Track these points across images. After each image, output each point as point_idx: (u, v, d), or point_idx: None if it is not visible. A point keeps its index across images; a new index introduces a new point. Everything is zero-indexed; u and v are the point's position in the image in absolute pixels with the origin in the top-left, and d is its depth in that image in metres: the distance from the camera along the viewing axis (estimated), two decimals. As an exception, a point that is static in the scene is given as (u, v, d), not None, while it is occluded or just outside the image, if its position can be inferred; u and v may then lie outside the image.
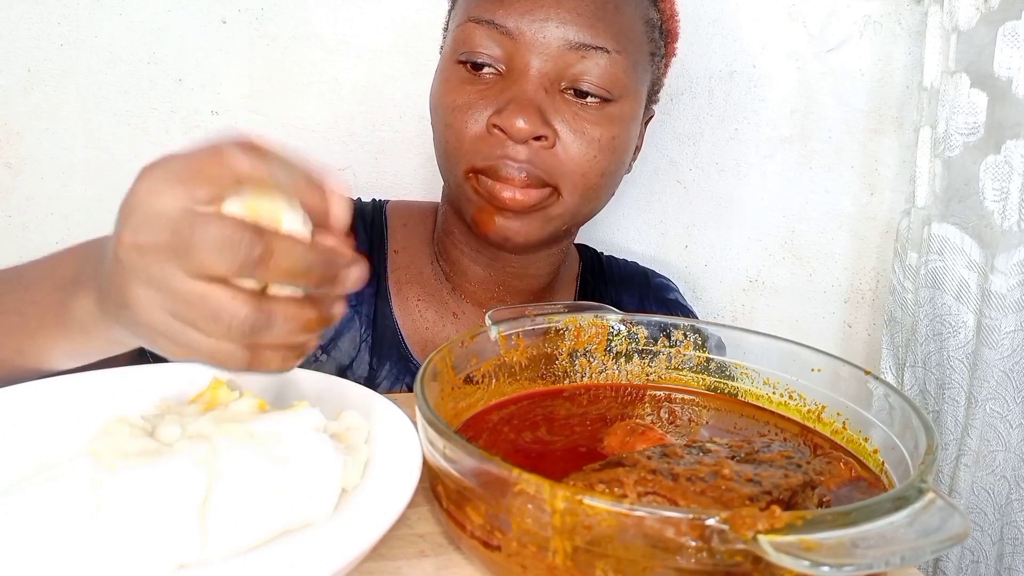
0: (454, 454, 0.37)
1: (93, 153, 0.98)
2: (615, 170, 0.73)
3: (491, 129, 0.67)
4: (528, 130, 0.65)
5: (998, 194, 0.90)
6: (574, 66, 0.67)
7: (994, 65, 0.88)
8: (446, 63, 0.72)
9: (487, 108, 0.68)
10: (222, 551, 0.36)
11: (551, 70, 0.67)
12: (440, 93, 0.71)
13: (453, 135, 0.69)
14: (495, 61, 0.68)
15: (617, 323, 0.58)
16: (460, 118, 0.68)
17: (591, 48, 0.67)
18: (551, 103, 0.68)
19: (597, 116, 0.69)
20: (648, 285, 0.92)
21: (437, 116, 0.71)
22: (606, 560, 0.33)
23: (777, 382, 0.54)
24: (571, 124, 0.68)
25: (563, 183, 0.69)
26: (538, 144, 0.67)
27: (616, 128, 0.70)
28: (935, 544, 0.31)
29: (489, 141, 0.67)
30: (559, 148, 0.68)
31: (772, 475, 0.39)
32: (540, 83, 0.67)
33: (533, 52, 0.67)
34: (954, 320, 0.95)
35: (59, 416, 0.48)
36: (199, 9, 0.96)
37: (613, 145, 0.70)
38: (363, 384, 0.75)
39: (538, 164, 0.67)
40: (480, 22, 0.68)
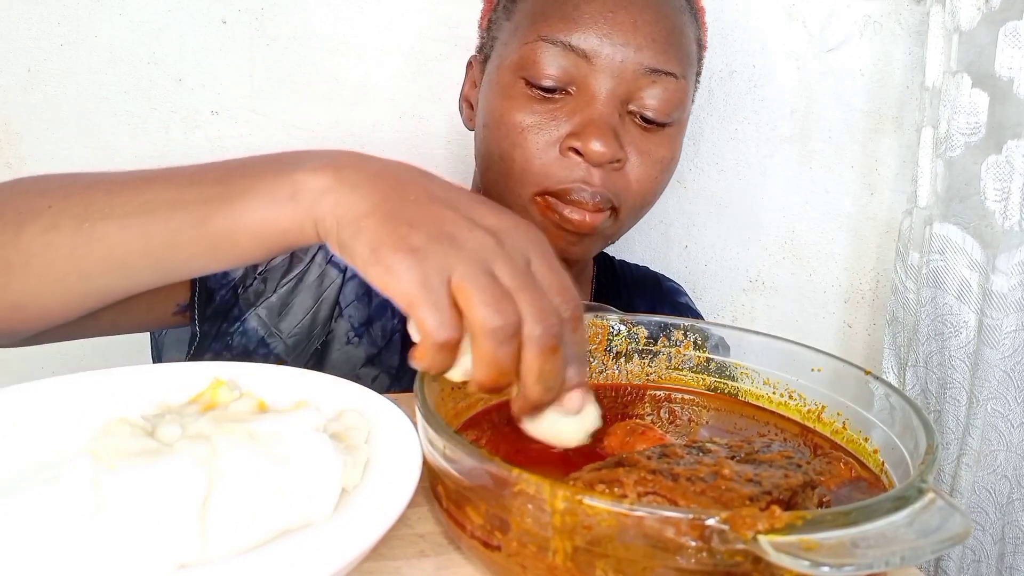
0: (454, 454, 0.37)
1: (93, 153, 0.98)
2: (664, 189, 0.74)
3: (566, 152, 0.66)
4: (608, 154, 0.65)
5: (999, 194, 0.90)
6: (645, 89, 0.67)
7: (995, 65, 0.88)
8: (509, 78, 0.69)
9: (559, 129, 0.67)
10: (222, 551, 0.36)
11: (624, 93, 0.67)
12: (505, 111, 0.69)
13: (522, 155, 0.68)
14: (564, 84, 0.67)
15: (617, 323, 0.58)
16: (531, 139, 0.67)
17: (662, 73, 0.67)
18: (621, 125, 0.68)
19: (660, 138, 0.70)
20: (660, 289, 0.93)
21: (501, 134, 0.69)
22: (606, 560, 0.33)
23: (777, 382, 0.54)
24: (639, 146, 0.68)
25: (625, 204, 0.69)
26: (610, 167, 0.67)
27: (675, 149, 0.72)
28: (935, 544, 0.31)
29: (564, 164, 0.67)
30: (627, 169, 0.68)
31: (772, 475, 0.39)
32: (613, 106, 0.67)
33: (608, 75, 0.66)
34: (955, 320, 0.95)
35: (59, 416, 0.48)
36: (199, 9, 0.96)
37: (671, 166, 0.72)
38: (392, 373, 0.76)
39: (609, 187, 0.67)
40: (554, 43, 0.66)
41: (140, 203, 0.47)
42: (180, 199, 0.46)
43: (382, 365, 0.76)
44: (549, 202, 0.68)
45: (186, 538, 0.35)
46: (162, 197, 0.47)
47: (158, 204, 0.47)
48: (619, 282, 0.90)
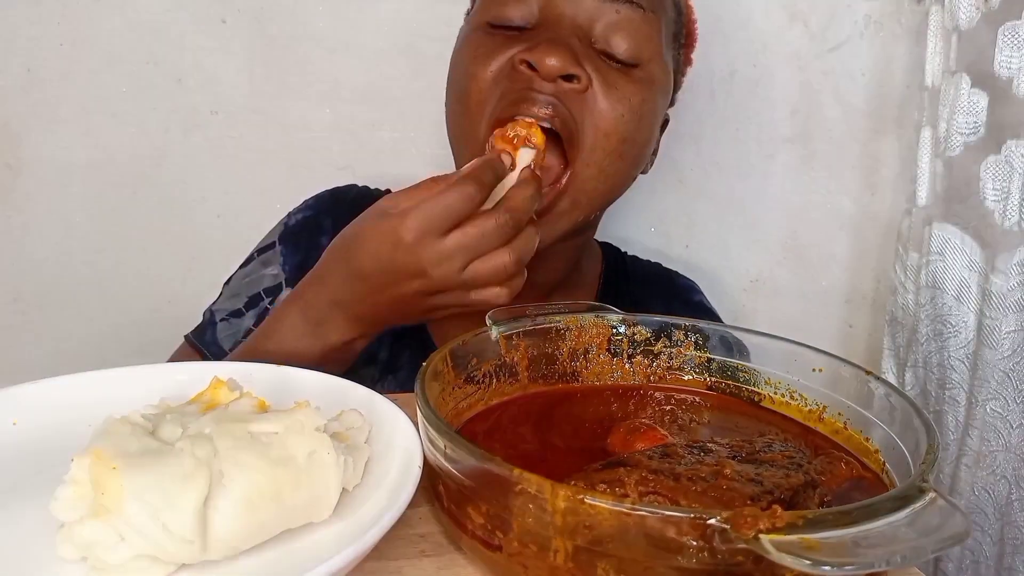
0: (455, 454, 0.37)
1: (93, 153, 0.98)
2: (638, 144, 0.69)
3: (518, 65, 0.63)
4: (559, 66, 0.62)
5: (999, 194, 0.90)
6: (606, 19, 0.65)
7: (995, 65, 0.88)
8: (471, 24, 0.68)
9: (514, 50, 0.64)
10: (223, 551, 0.36)
11: (585, 22, 0.65)
12: (461, 48, 0.68)
13: (476, 86, 0.65)
14: (526, 20, 0.65)
15: (618, 323, 0.58)
16: (482, 63, 0.65)
17: (625, 2, 0.65)
18: (584, 53, 0.64)
19: (628, 77, 0.66)
20: (673, 287, 0.91)
21: (458, 71, 0.68)
22: (607, 560, 0.33)
23: (778, 382, 0.54)
24: (604, 76, 0.65)
25: (585, 139, 0.65)
26: (568, 86, 0.63)
27: (646, 92, 0.67)
28: (936, 543, 0.31)
29: (513, 78, 0.63)
30: (589, 96, 0.64)
31: (773, 475, 0.39)
32: (573, 32, 0.64)
33: (567, 2, 0.64)
34: (955, 320, 0.95)
35: (59, 416, 0.48)
36: (199, 9, 0.96)
37: (642, 110, 0.67)
38: (384, 370, 0.76)
39: (566, 103, 0.63)
40: None
41: None
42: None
43: (376, 362, 0.76)
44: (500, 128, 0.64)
45: (187, 538, 0.35)
46: None
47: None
48: (629, 279, 0.88)
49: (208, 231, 1.04)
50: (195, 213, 1.03)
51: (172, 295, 1.05)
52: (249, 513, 0.37)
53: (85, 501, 0.35)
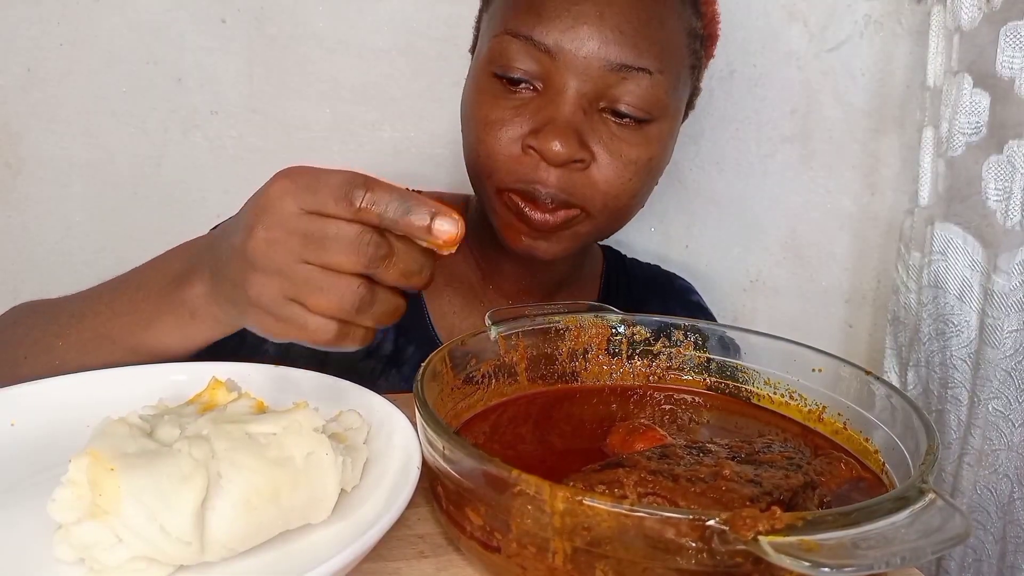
0: (454, 455, 0.37)
1: (93, 153, 0.98)
2: (647, 191, 0.71)
3: (526, 149, 0.65)
4: (565, 154, 0.63)
5: (1001, 194, 0.90)
6: (615, 87, 0.64)
7: (996, 65, 0.88)
8: (480, 73, 0.68)
9: (522, 126, 0.65)
10: (221, 552, 0.36)
11: (590, 91, 0.64)
12: (473, 104, 0.68)
13: (485, 151, 0.66)
14: (532, 78, 0.65)
15: (617, 323, 0.58)
16: (493, 135, 0.66)
17: (633, 69, 0.64)
18: (588, 124, 0.65)
19: (635, 137, 0.66)
20: (671, 288, 0.92)
21: (469, 128, 0.69)
22: (606, 561, 0.33)
23: (778, 382, 0.54)
24: (608, 146, 0.65)
25: (592, 205, 0.66)
26: (572, 167, 0.65)
27: (653, 149, 0.68)
28: (936, 544, 0.31)
29: (523, 162, 0.65)
30: (593, 169, 0.65)
31: (773, 476, 0.39)
32: (578, 104, 0.64)
33: (572, 72, 0.64)
34: (957, 320, 0.95)
35: (59, 416, 0.48)
36: (199, 9, 0.96)
37: (649, 167, 0.68)
38: (388, 365, 0.76)
39: (567, 188, 0.65)
40: (518, 36, 0.64)
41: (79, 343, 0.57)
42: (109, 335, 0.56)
43: (379, 356, 0.76)
44: (511, 199, 0.66)
45: (185, 539, 0.35)
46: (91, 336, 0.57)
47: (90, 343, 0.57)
48: (630, 280, 0.90)
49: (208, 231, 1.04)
50: (195, 213, 1.03)
51: (172, 295, 1.05)
52: (247, 514, 0.36)
53: (83, 502, 0.35)
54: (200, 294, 0.52)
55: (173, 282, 0.54)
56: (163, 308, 0.54)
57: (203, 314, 0.52)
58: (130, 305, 0.56)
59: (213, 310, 0.51)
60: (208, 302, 0.51)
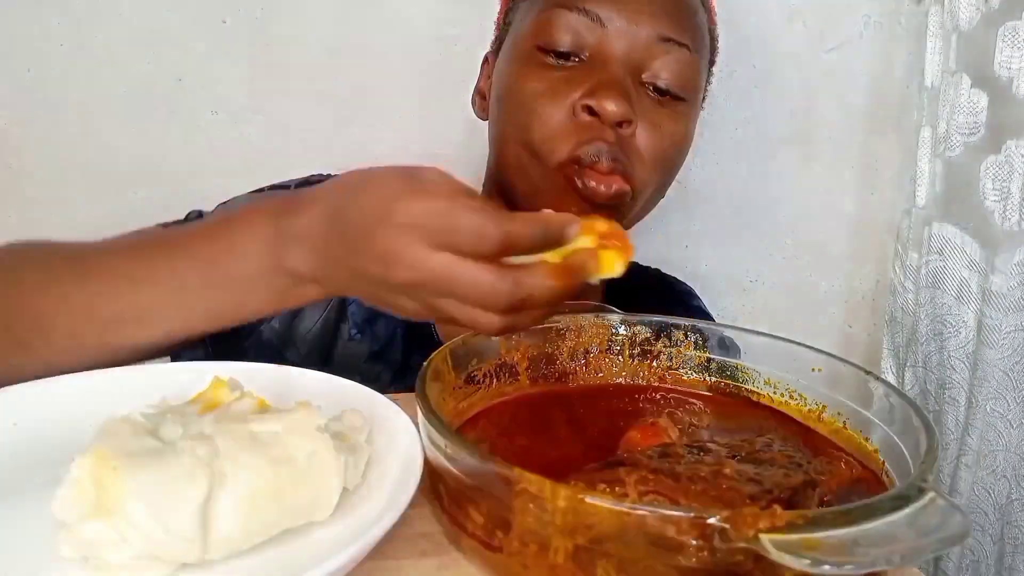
0: (455, 454, 0.37)
1: (93, 153, 0.98)
2: (674, 171, 0.73)
3: (580, 112, 0.65)
4: (620, 113, 0.64)
5: (998, 194, 0.90)
6: (658, 58, 0.67)
7: (994, 65, 0.88)
8: (524, 47, 0.69)
9: (573, 92, 0.66)
10: (224, 551, 0.36)
11: (637, 59, 0.67)
12: (519, 78, 0.69)
13: (538, 122, 0.67)
14: (579, 49, 0.67)
15: (617, 323, 0.58)
16: (545, 104, 0.66)
17: (676, 43, 0.67)
18: (635, 90, 0.67)
19: (672, 112, 0.69)
20: (672, 292, 0.93)
21: (518, 104, 0.69)
22: (608, 560, 0.33)
23: (778, 382, 0.54)
24: (650, 116, 0.67)
25: (637, 174, 0.67)
26: (621, 131, 0.66)
27: (685, 127, 0.70)
28: (935, 543, 0.31)
29: (581, 125, 0.65)
30: (639, 137, 0.67)
31: (773, 474, 0.39)
32: (626, 70, 0.67)
33: (622, 39, 0.66)
34: (955, 320, 0.95)
35: (59, 416, 0.48)
36: (199, 9, 0.96)
37: (681, 146, 0.71)
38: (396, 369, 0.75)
39: (623, 148, 0.66)
40: (569, 7, 0.67)
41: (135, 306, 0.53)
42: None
43: (385, 361, 0.76)
44: (570, 173, 0.66)
45: (187, 538, 0.35)
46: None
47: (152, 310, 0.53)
48: (634, 285, 0.89)
49: (208, 231, 1.04)
50: (195, 213, 1.03)
51: (172, 295, 1.05)
52: (250, 512, 0.37)
53: (86, 501, 0.35)
54: (302, 277, 0.50)
55: (269, 257, 0.50)
56: (260, 280, 0.51)
57: (303, 292, 0.51)
58: (215, 274, 0.52)
59: (310, 290, 0.51)
60: (309, 284, 0.50)
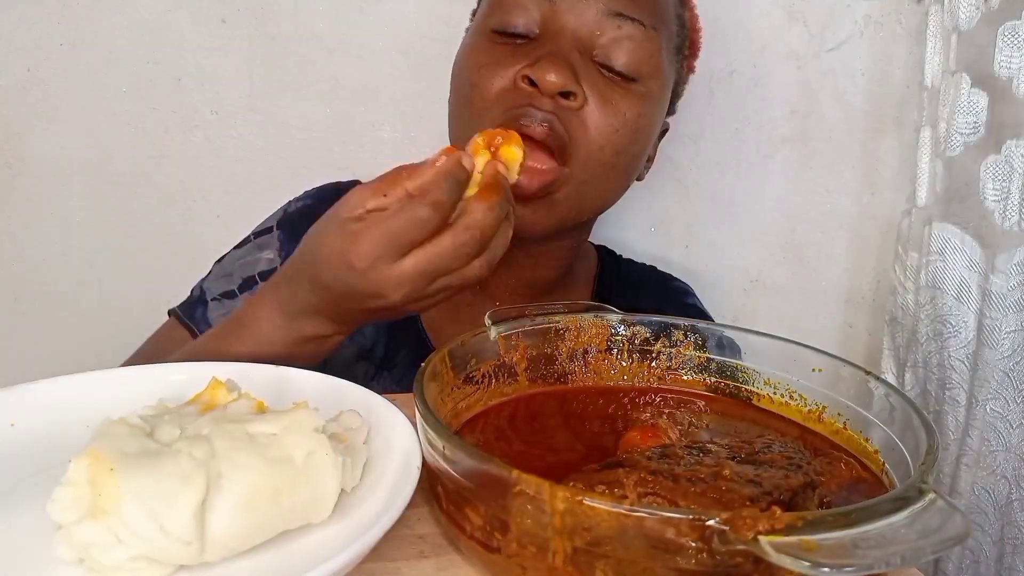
0: (453, 455, 0.37)
1: (93, 153, 0.98)
2: (634, 154, 0.70)
3: (519, 81, 0.65)
4: (559, 83, 0.63)
5: (999, 194, 0.90)
6: (609, 34, 0.66)
7: (994, 65, 0.88)
8: (477, 28, 0.70)
9: (516, 64, 0.65)
10: (221, 552, 0.36)
11: (586, 35, 0.66)
12: (465, 55, 0.69)
13: (479, 93, 0.66)
14: (529, 28, 0.66)
15: (617, 323, 0.58)
16: (487, 75, 0.66)
17: (628, 19, 0.65)
18: (583, 68, 0.65)
19: (627, 92, 0.67)
20: (666, 289, 0.92)
21: (462, 78, 0.69)
22: (606, 561, 0.33)
23: (778, 382, 0.54)
24: (601, 92, 0.66)
25: (578, 153, 0.66)
26: (565, 103, 0.64)
27: (643, 107, 0.68)
28: (936, 544, 0.31)
29: (517, 92, 0.65)
30: (585, 112, 0.65)
31: (772, 476, 0.39)
32: (574, 46, 0.65)
33: (570, 14, 0.65)
34: (955, 320, 0.95)
35: (58, 416, 0.48)
36: (199, 9, 0.96)
37: (637, 124, 0.68)
38: (381, 366, 0.76)
39: (562, 119, 0.64)
40: None
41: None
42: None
43: (374, 359, 0.75)
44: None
45: (185, 540, 0.35)
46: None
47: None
48: (624, 282, 0.89)
49: (208, 231, 1.04)
50: (195, 213, 1.03)
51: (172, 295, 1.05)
52: (247, 514, 0.36)
53: (83, 502, 0.35)
54: (340, 339, 0.60)
55: (284, 331, 0.58)
56: (288, 352, 0.59)
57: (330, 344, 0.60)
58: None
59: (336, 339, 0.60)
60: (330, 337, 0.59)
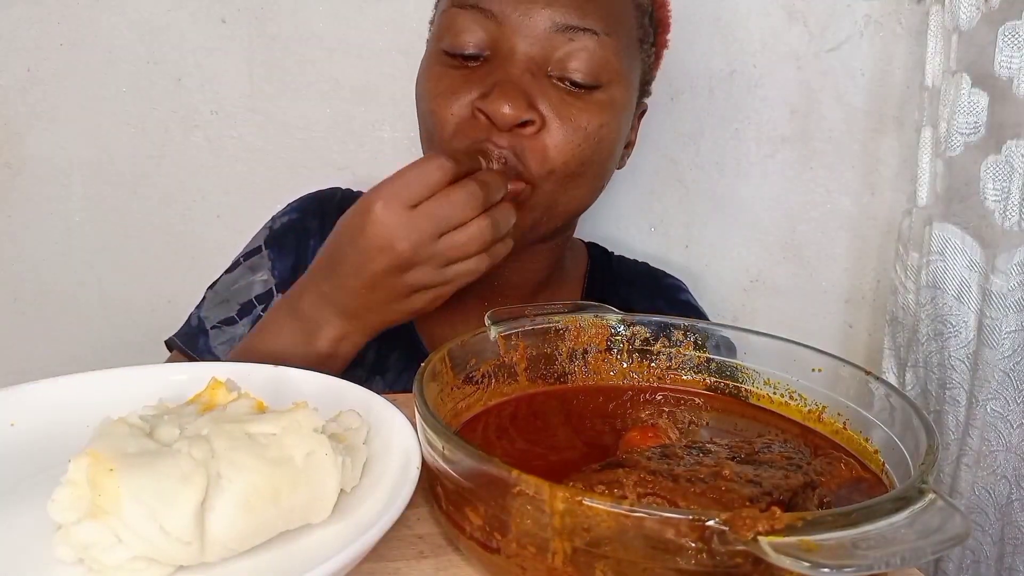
0: (453, 455, 0.37)
1: (93, 153, 0.98)
2: (601, 161, 0.70)
3: (475, 113, 0.65)
4: (512, 116, 0.63)
5: (999, 194, 0.90)
6: (561, 49, 0.65)
7: (995, 65, 0.88)
8: (431, 51, 0.71)
9: (471, 92, 0.65)
10: (221, 553, 0.36)
11: (538, 53, 0.65)
12: (423, 80, 0.70)
13: (436, 122, 0.67)
14: (480, 48, 0.66)
15: (617, 323, 0.58)
16: (443, 104, 0.66)
17: (579, 30, 0.64)
18: (538, 87, 0.65)
19: (585, 103, 0.66)
20: (659, 286, 0.91)
21: (421, 104, 0.70)
22: (606, 561, 0.33)
23: (778, 382, 0.54)
24: (558, 110, 0.65)
25: (539, 171, 0.66)
26: (522, 130, 0.64)
27: (605, 116, 0.67)
28: (936, 545, 0.31)
29: (473, 125, 0.65)
30: (544, 135, 0.65)
31: (772, 476, 0.39)
32: (526, 67, 0.65)
33: (519, 35, 0.64)
34: (955, 320, 0.95)
35: (58, 416, 0.48)
36: (199, 9, 0.96)
37: (600, 134, 0.67)
38: (373, 371, 0.76)
39: (519, 152, 0.65)
40: (464, 7, 0.66)
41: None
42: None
43: (364, 364, 0.75)
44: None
45: (184, 540, 0.35)
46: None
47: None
48: (615, 279, 0.89)
49: (208, 231, 1.04)
50: (195, 213, 1.03)
51: (172, 295, 1.05)
52: (247, 514, 0.36)
53: (82, 502, 0.35)
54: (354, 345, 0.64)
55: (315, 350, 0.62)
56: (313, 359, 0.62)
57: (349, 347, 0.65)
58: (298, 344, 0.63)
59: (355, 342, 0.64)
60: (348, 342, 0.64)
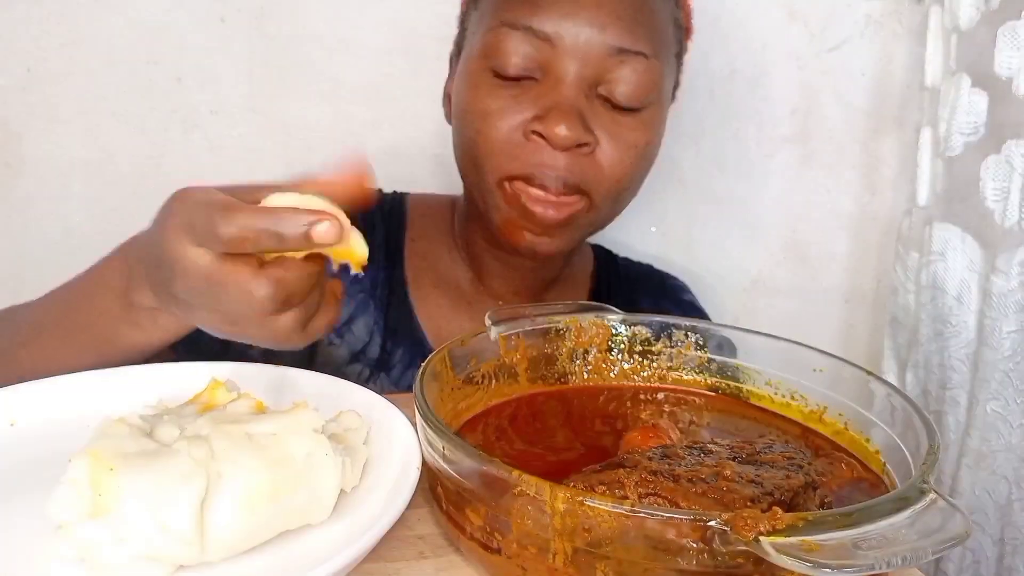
0: (454, 455, 0.37)
1: (93, 153, 0.98)
2: (644, 173, 0.72)
3: (529, 136, 0.65)
4: (572, 138, 0.63)
5: (999, 194, 0.90)
6: (613, 71, 0.66)
7: (995, 65, 0.88)
8: (475, 68, 0.68)
9: (523, 114, 0.65)
10: (221, 552, 0.36)
11: (590, 76, 0.65)
12: (470, 99, 0.68)
13: (485, 142, 0.66)
14: (530, 70, 0.66)
15: (618, 323, 0.58)
16: (493, 124, 0.66)
17: (630, 53, 0.65)
18: (590, 108, 0.66)
19: (634, 122, 0.68)
20: (663, 287, 0.92)
21: (466, 122, 0.69)
22: (607, 562, 0.33)
23: (779, 383, 0.54)
24: (609, 130, 0.66)
25: (597, 190, 0.67)
26: (578, 151, 0.65)
27: (650, 133, 0.69)
28: (936, 545, 0.31)
29: (527, 148, 0.65)
30: (598, 154, 0.66)
31: (773, 476, 0.39)
32: (580, 89, 0.65)
33: (573, 57, 0.65)
34: (955, 320, 0.95)
35: (58, 416, 0.48)
36: (198, 9, 0.96)
37: (647, 151, 0.70)
38: (376, 367, 0.76)
39: (576, 172, 0.66)
40: (516, 27, 0.65)
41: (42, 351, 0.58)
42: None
43: (368, 360, 0.75)
44: (515, 187, 0.66)
45: (184, 540, 0.35)
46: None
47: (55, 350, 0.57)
48: (621, 279, 0.89)
49: (208, 231, 1.03)
50: (195, 213, 1.03)
51: (172, 295, 1.05)
52: (247, 514, 0.36)
53: (83, 502, 0.35)
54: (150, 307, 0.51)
55: (121, 296, 0.53)
56: (121, 319, 0.53)
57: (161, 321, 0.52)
58: (88, 318, 0.56)
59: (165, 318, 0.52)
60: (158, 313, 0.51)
